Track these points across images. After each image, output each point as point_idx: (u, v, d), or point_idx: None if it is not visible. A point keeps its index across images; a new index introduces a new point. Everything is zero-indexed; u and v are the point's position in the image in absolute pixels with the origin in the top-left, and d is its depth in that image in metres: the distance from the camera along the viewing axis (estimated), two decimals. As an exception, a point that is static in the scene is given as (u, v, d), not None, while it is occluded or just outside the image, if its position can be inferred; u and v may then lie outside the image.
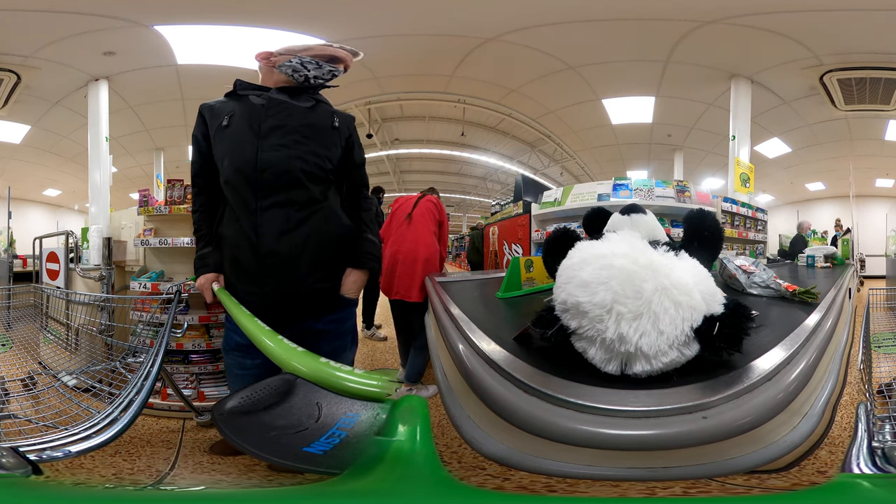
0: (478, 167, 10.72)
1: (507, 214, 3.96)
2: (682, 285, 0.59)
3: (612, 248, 0.63)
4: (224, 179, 1.21)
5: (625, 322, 0.57)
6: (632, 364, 0.58)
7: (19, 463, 0.47)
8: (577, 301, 0.59)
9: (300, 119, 1.21)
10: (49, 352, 1.47)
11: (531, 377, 0.61)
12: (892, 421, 0.89)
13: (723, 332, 0.58)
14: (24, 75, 4.82)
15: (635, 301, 0.57)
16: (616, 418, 0.52)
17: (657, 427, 0.51)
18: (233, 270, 1.21)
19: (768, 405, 0.56)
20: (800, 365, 0.65)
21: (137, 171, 5.90)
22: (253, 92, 1.25)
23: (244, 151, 1.18)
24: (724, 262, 1.31)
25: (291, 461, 0.56)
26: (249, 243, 1.15)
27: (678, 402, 0.53)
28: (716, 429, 0.52)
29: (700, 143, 6.93)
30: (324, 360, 0.74)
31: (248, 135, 1.19)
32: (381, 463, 0.60)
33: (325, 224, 1.19)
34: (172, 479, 1.36)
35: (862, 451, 0.80)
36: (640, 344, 0.56)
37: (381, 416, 0.66)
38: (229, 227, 1.21)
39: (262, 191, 1.14)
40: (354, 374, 0.73)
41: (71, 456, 0.70)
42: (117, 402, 0.86)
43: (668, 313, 0.57)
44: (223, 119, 1.22)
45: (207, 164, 1.26)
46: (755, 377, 0.57)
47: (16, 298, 1.86)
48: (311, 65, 1.22)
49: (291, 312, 1.16)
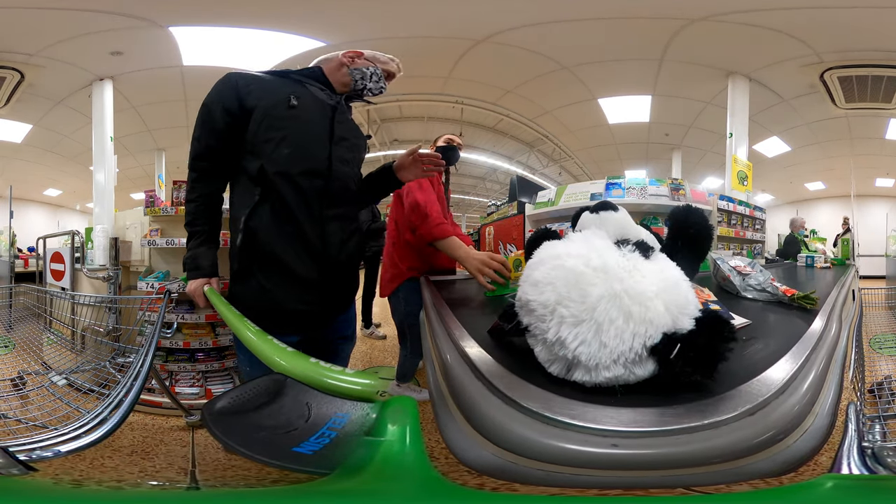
0: (476, 167, 10.72)
1: (503, 214, 3.98)
2: (637, 293, 0.52)
3: (569, 248, 0.59)
4: (278, 170, 1.04)
5: (566, 326, 0.52)
6: (573, 371, 0.53)
7: (9, 462, 0.47)
8: (528, 299, 0.58)
9: (354, 137, 1.20)
10: (52, 353, 1.48)
11: (491, 371, 0.58)
12: (881, 421, 0.90)
13: (686, 354, 0.49)
14: (28, 73, 4.83)
15: (578, 305, 0.52)
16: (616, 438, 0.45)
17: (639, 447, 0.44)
18: (275, 279, 1.06)
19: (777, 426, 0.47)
20: (799, 392, 0.54)
21: (139, 172, 5.91)
22: (315, 84, 1.15)
23: (318, 150, 1.09)
24: (718, 263, 1.26)
25: (281, 461, 0.57)
26: (312, 251, 1.08)
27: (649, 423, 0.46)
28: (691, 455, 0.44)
29: (699, 142, 6.91)
30: (313, 360, 0.75)
31: (322, 133, 1.10)
32: (371, 463, 0.61)
33: (361, 238, 1.26)
34: (201, 478, 1.34)
35: (852, 451, 0.80)
36: (578, 352, 0.51)
37: (371, 417, 0.67)
38: (273, 228, 1.05)
39: (329, 199, 1.10)
40: (344, 374, 0.74)
41: (61, 456, 0.71)
42: (106, 401, 0.87)
43: (615, 324, 0.50)
44: (288, 97, 1.06)
45: (220, 144, 1.08)
46: (743, 406, 0.46)
47: (14, 298, 1.87)
48: (376, 76, 1.19)
49: (334, 314, 1.20)
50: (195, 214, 1.12)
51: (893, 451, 0.77)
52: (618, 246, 0.60)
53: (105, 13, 3.88)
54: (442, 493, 0.56)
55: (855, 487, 0.62)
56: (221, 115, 1.06)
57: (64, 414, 0.89)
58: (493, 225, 4.18)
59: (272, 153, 1.05)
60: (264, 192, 1.06)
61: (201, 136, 1.09)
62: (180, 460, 1.53)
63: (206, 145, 1.09)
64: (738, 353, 0.61)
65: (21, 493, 0.51)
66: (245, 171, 1.09)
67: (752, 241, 3.55)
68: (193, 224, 1.12)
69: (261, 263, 1.07)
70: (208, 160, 1.10)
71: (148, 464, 1.50)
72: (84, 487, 0.62)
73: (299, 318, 1.10)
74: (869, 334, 1.51)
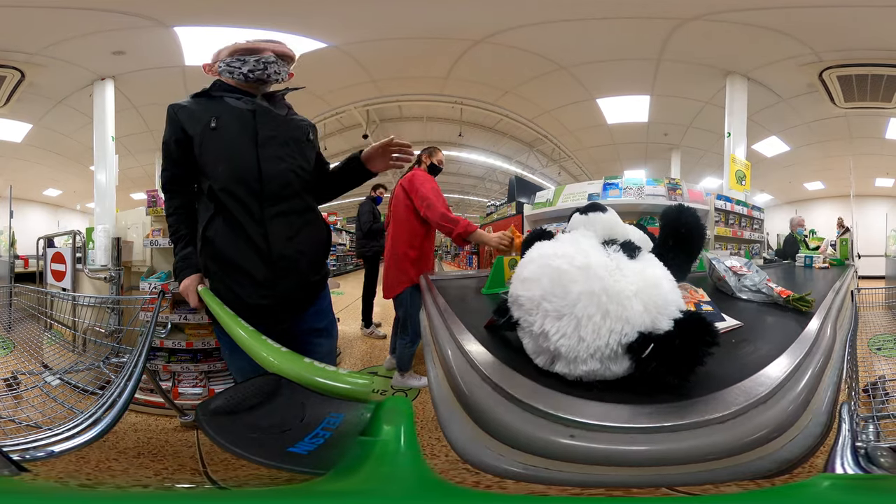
0: (476, 167, 10.71)
1: (502, 215, 3.99)
2: (615, 292, 0.54)
3: (557, 248, 0.63)
4: (219, 186, 1.17)
5: (549, 319, 0.57)
6: (556, 363, 0.57)
7: (2, 462, 0.47)
8: (518, 294, 0.63)
9: (287, 131, 1.25)
10: (52, 354, 1.48)
11: (494, 370, 0.61)
12: (875, 421, 0.90)
13: (660, 353, 0.50)
14: (29, 73, 4.82)
15: (561, 301, 0.56)
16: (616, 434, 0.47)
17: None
18: (233, 278, 1.18)
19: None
20: (787, 398, 0.54)
21: (139, 172, 5.90)
22: (230, 95, 1.23)
23: (244, 159, 1.17)
24: (714, 263, 1.25)
25: (276, 461, 0.57)
26: (258, 251, 1.17)
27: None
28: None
29: (698, 141, 6.91)
30: (308, 360, 0.75)
31: (245, 142, 1.18)
32: (366, 463, 0.61)
33: (317, 229, 1.30)
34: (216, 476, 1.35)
35: (846, 451, 0.80)
36: (559, 344, 0.55)
37: (366, 416, 0.67)
38: (225, 235, 1.17)
39: (267, 200, 1.18)
40: (339, 374, 0.74)
41: (55, 456, 0.71)
42: (100, 401, 0.87)
43: (593, 321, 0.53)
44: (209, 120, 1.18)
45: (181, 170, 1.24)
46: (713, 413, 0.46)
47: (13, 298, 1.87)
48: (235, 63, 1.24)
49: (295, 307, 1.25)
50: (177, 224, 1.26)
51: (887, 451, 0.78)
52: (604, 246, 0.62)
53: (111, 12, 3.89)
54: (437, 493, 0.57)
55: (850, 487, 0.62)
56: (174, 147, 1.23)
57: (58, 414, 0.89)
58: (493, 225, 4.20)
59: (212, 173, 1.19)
60: (217, 206, 1.18)
61: (166, 167, 1.26)
62: (189, 461, 1.53)
63: (171, 174, 1.26)
64: (727, 356, 0.62)
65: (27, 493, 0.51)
66: (201, 189, 1.24)
67: (750, 241, 3.54)
68: (177, 231, 1.26)
69: (219, 265, 1.19)
70: (176, 184, 1.27)
71: (160, 465, 1.50)
72: (77, 487, 0.62)
73: (261, 311, 1.18)
74: (868, 335, 1.51)
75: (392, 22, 4.16)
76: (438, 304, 1.01)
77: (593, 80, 5.32)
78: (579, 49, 4.57)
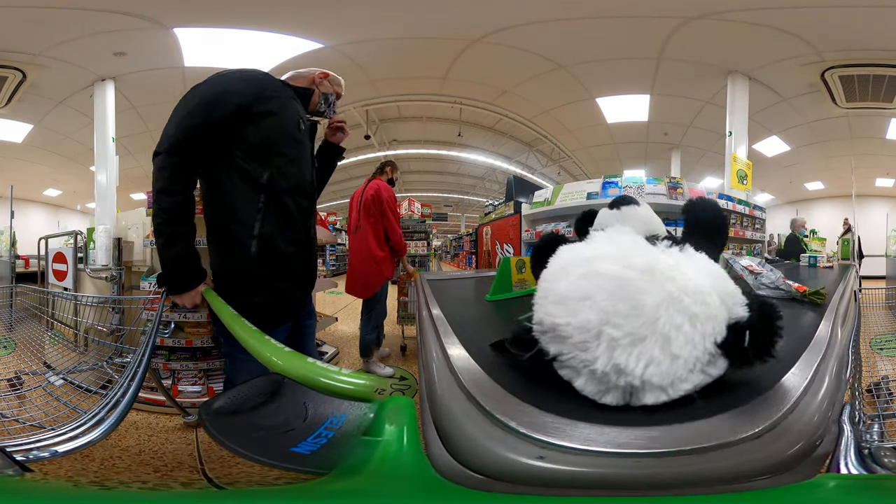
0: (476, 167, 10.72)
1: (500, 214, 3.98)
2: (695, 291, 0.46)
3: (596, 249, 0.51)
4: (289, 186, 1.07)
5: (621, 350, 0.43)
6: (639, 395, 0.45)
7: (6, 463, 0.47)
8: (555, 322, 0.46)
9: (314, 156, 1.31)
10: (54, 353, 1.48)
11: (493, 397, 0.46)
12: (880, 420, 0.89)
13: (756, 340, 0.45)
14: (31, 73, 4.83)
15: (634, 321, 0.44)
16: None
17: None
18: (283, 276, 1.12)
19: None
20: (824, 383, 0.51)
21: (139, 172, 5.91)
22: (298, 100, 1.17)
23: (307, 173, 1.17)
24: (731, 263, 1.28)
25: (278, 461, 0.57)
26: (305, 253, 1.19)
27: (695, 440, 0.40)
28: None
29: (698, 141, 6.90)
30: (311, 360, 0.75)
31: (309, 156, 1.19)
32: (369, 463, 0.61)
33: None
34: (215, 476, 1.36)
35: (850, 451, 0.81)
36: (647, 375, 0.43)
37: (369, 416, 0.67)
38: (285, 234, 1.09)
39: (312, 207, 1.22)
40: (341, 374, 0.74)
41: (58, 456, 0.71)
42: (103, 401, 0.87)
43: (683, 331, 0.44)
44: (298, 120, 1.11)
45: (207, 139, 0.97)
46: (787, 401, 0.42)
47: (14, 298, 1.87)
48: (334, 102, 1.26)
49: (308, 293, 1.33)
50: (176, 212, 0.97)
51: (891, 451, 0.78)
52: (651, 242, 0.53)
53: (113, 13, 3.89)
54: (440, 493, 0.56)
55: (855, 487, 0.62)
56: (232, 110, 0.98)
57: (61, 414, 0.89)
58: (491, 225, 4.18)
59: (284, 168, 1.05)
60: (268, 200, 1.04)
61: (194, 123, 0.96)
62: (188, 459, 1.54)
63: (194, 137, 0.96)
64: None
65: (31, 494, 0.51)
66: (245, 174, 1.01)
67: (752, 240, 3.52)
68: (175, 223, 0.97)
69: (277, 268, 1.09)
70: (191, 153, 0.97)
71: (160, 462, 1.51)
72: (76, 487, 0.62)
73: (295, 305, 1.21)
74: (869, 334, 1.51)
75: (389, 22, 4.16)
76: (433, 314, 0.85)
77: (593, 80, 5.31)
78: (579, 48, 4.55)
